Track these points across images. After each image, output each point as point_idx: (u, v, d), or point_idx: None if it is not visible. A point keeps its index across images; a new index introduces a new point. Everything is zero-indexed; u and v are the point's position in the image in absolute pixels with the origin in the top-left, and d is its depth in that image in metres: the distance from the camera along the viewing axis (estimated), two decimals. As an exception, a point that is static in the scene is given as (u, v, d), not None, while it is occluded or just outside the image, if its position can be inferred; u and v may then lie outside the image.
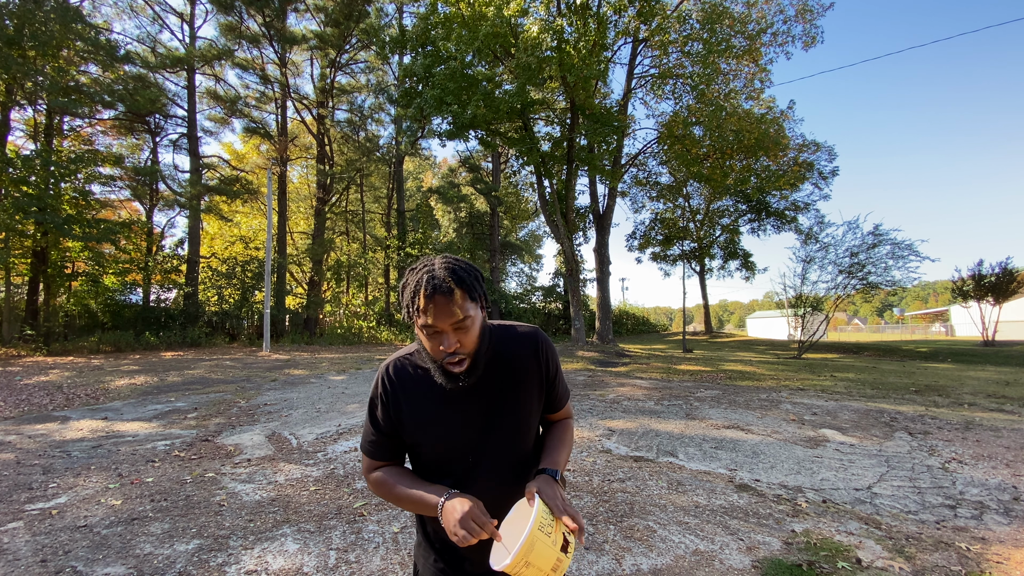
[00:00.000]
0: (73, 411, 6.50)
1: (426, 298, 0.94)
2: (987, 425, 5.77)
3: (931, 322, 48.76)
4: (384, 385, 1.09)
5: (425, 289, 0.94)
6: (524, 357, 1.11)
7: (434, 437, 1.07)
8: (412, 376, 1.09)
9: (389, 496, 1.08)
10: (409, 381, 1.09)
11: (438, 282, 0.95)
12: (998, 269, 20.14)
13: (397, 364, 1.11)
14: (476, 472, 1.08)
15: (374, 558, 2.60)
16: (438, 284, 0.94)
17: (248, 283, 19.51)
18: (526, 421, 1.12)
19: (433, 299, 0.94)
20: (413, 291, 0.96)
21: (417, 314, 0.96)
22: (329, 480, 3.84)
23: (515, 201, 29.80)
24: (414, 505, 1.04)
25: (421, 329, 0.98)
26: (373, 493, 1.19)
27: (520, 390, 1.10)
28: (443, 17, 14.19)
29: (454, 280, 0.96)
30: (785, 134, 18.90)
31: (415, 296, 0.96)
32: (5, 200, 13.45)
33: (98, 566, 2.48)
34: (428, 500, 1.01)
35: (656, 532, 2.96)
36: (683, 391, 8.39)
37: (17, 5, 13.67)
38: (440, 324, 0.95)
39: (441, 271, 0.97)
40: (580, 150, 16.32)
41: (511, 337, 1.12)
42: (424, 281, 0.95)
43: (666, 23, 14.70)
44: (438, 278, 0.95)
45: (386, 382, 1.09)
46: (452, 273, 0.97)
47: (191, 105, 19.20)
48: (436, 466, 1.10)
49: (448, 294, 0.94)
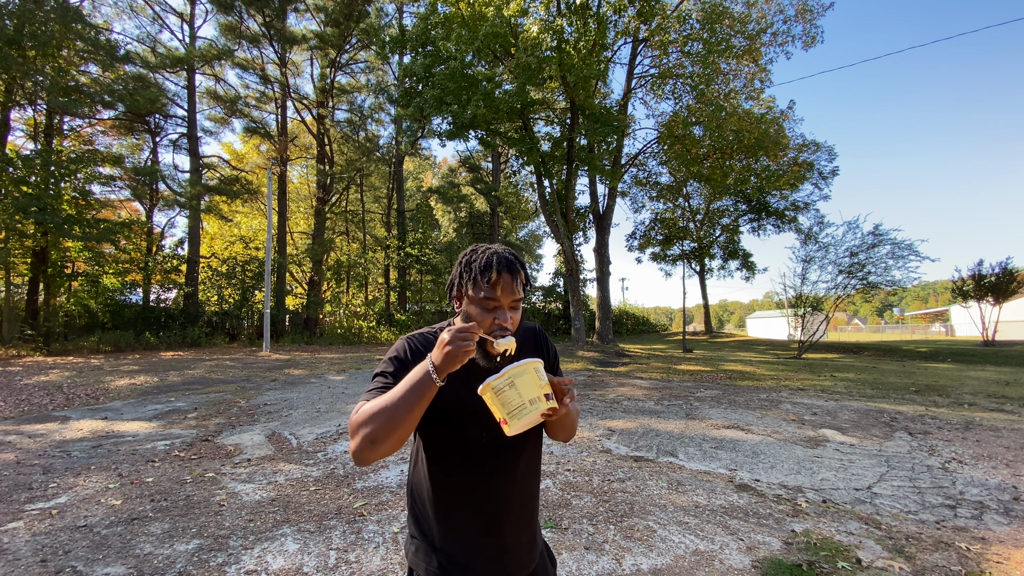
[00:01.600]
0: (73, 411, 6.50)
1: (498, 272, 1.02)
2: (987, 425, 5.77)
3: (931, 322, 48.78)
4: (412, 347, 1.11)
5: (499, 265, 1.03)
6: (532, 345, 1.23)
7: (459, 402, 1.07)
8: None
9: (379, 412, 0.93)
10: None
11: (509, 261, 1.05)
12: (998, 269, 20.15)
13: (421, 335, 1.15)
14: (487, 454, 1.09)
15: (374, 558, 2.60)
16: (509, 262, 1.05)
17: (248, 283, 19.51)
18: None
19: (502, 275, 1.03)
20: (484, 264, 1.04)
21: (482, 287, 1.03)
22: (329, 480, 3.84)
23: (515, 201, 29.80)
24: (410, 390, 0.93)
25: (479, 302, 1.04)
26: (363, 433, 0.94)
27: None
28: (443, 17, 14.19)
29: (519, 264, 1.08)
30: (785, 134, 18.90)
31: (486, 269, 1.03)
32: (5, 200, 13.45)
33: (98, 566, 2.48)
34: (417, 371, 0.94)
35: (656, 532, 2.96)
36: (683, 391, 8.39)
37: (17, 5, 13.67)
38: (503, 299, 1.03)
39: (507, 255, 1.07)
40: (580, 150, 16.31)
41: (522, 327, 1.24)
42: (496, 259, 1.04)
43: (666, 23, 14.70)
44: (507, 258, 1.05)
45: (415, 344, 1.12)
46: (517, 259, 1.08)
47: (191, 105, 19.20)
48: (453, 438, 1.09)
49: (515, 273, 1.05)
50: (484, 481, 1.09)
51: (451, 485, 1.10)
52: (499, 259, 1.04)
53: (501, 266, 1.03)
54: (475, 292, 1.04)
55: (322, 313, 22.77)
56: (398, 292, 24.70)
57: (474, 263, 1.06)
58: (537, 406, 0.91)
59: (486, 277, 1.03)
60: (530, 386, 0.92)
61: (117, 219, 18.24)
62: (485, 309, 1.04)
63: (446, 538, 1.09)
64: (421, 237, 23.84)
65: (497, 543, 1.09)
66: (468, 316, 1.07)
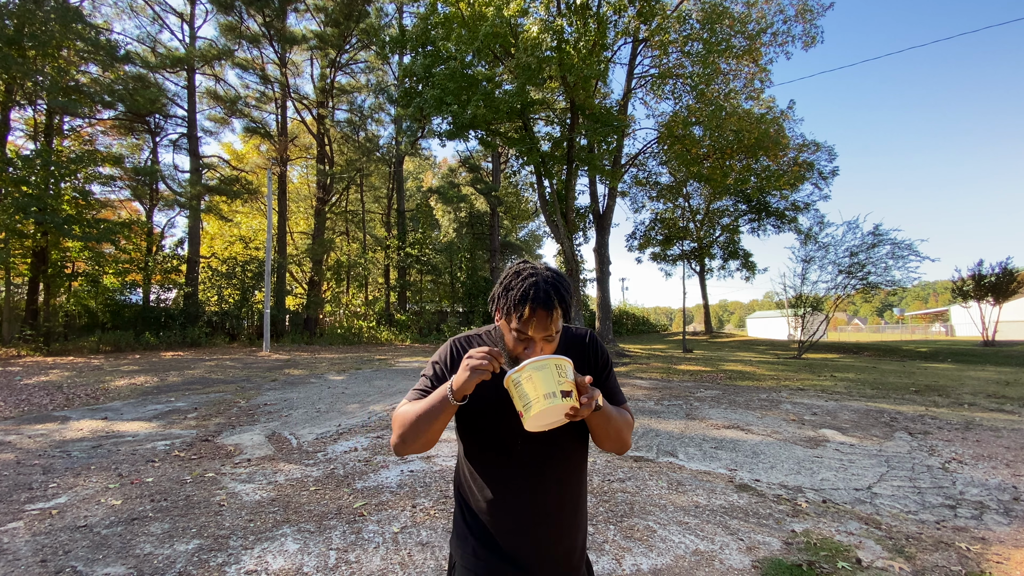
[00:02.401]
0: (73, 411, 6.50)
1: (531, 310, 0.98)
2: (987, 425, 5.77)
3: (931, 322, 48.78)
4: (453, 352, 1.16)
5: (533, 301, 0.98)
6: (578, 353, 1.17)
7: (493, 408, 1.08)
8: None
9: (408, 420, 1.05)
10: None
11: (546, 297, 0.99)
12: (998, 269, 20.15)
13: (466, 339, 1.18)
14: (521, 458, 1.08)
15: (374, 558, 2.60)
16: (547, 298, 0.99)
17: (248, 283, 19.51)
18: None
19: (537, 313, 0.99)
20: (520, 298, 1.00)
21: (516, 320, 1.01)
22: (329, 480, 3.84)
23: (515, 201, 29.80)
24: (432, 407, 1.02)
25: (512, 331, 1.03)
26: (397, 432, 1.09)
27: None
28: (443, 17, 14.19)
29: (558, 299, 1.01)
30: (785, 134, 18.90)
31: (521, 304, 0.99)
32: (5, 200, 13.45)
33: (98, 566, 2.48)
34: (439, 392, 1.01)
35: (656, 532, 2.96)
36: (683, 391, 8.40)
37: (17, 5, 13.67)
38: (535, 334, 1.01)
39: (547, 286, 1.01)
40: (580, 150, 16.31)
41: (568, 335, 1.20)
42: (533, 293, 0.99)
43: (666, 23, 14.69)
44: (546, 293, 1.00)
45: (456, 349, 1.16)
46: (556, 291, 1.01)
47: (191, 105, 19.20)
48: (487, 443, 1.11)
49: (551, 311, 0.99)
50: (515, 482, 1.08)
51: (482, 480, 1.11)
52: (536, 294, 0.99)
53: (537, 302, 0.98)
54: (508, 321, 1.03)
55: (322, 313, 22.78)
56: (398, 292, 24.70)
57: (512, 291, 1.02)
58: (552, 401, 0.91)
59: (519, 313, 0.99)
60: (547, 381, 0.91)
61: (117, 219, 18.24)
62: (517, 339, 1.02)
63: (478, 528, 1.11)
64: (421, 237, 23.84)
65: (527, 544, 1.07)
66: (503, 337, 1.07)
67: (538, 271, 1.04)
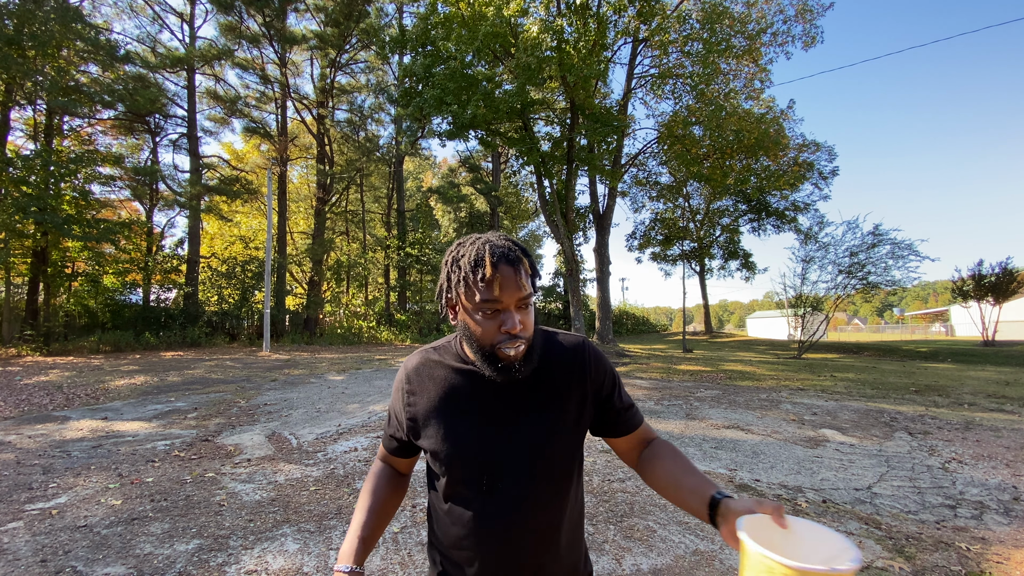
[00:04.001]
0: (73, 411, 6.50)
1: (492, 266, 0.81)
2: (987, 425, 5.77)
3: (931, 322, 48.78)
4: (405, 376, 0.99)
5: (491, 256, 0.82)
6: (566, 369, 0.95)
7: (449, 444, 0.91)
8: (435, 371, 0.96)
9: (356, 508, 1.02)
10: (430, 377, 0.96)
11: (505, 250, 0.84)
12: (998, 269, 20.15)
13: (420, 357, 1.00)
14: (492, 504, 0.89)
15: (374, 558, 2.60)
16: (505, 252, 0.83)
17: (248, 283, 19.51)
18: (556, 444, 0.91)
19: (499, 268, 0.82)
20: (475, 259, 0.83)
21: (478, 290, 0.82)
22: (329, 480, 3.84)
23: (515, 201, 29.80)
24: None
25: (478, 307, 0.84)
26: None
27: (555, 407, 0.92)
28: (443, 17, 14.19)
29: (520, 250, 0.86)
30: (785, 134, 18.91)
31: (478, 265, 0.82)
32: (5, 200, 13.44)
33: (98, 566, 2.48)
34: (344, 547, 0.92)
35: (656, 532, 2.96)
36: (683, 391, 8.39)
37: (17, 5, 13.66)
38: (506, 298, 0.82)
39: (501, 241, 0.86)
40: (580, 150, 16.31)
41: (554, 345, 0.97)
42: (487, 249, 0.83)
43: (666, 23, 14.69)
44: (502, 247, 0.84)
45: (408, 374, 0.98)
46: (515, 244, 0.87)
47: (191, 105, 19.20)
48: (449, 486, 0.93)
49: (515, 264, 0.83)
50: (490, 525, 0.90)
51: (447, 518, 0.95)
52: (492, 249, 0.83)
53: (496, 257, 0.82)
54: (470, 297, 0.84)
55: (322, 313, 22.77)
56: (398, 292, 24.70)
57: (462, 259, 0.85)
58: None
59: (479, 274, 0.81)
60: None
61: (117, 219, 18.24)
62: (486, 316, 0.83)
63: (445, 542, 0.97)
64: (421, 237, 23.85)
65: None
66: (468, 329, 0.87)
67: (480, 236, 0.89)
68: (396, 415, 1.01)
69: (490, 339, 0.84)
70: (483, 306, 0.83)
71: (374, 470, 1.08)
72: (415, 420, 0.96)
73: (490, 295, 0.82)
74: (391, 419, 1.04)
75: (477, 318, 0.85)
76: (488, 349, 0.85)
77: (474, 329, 0.86)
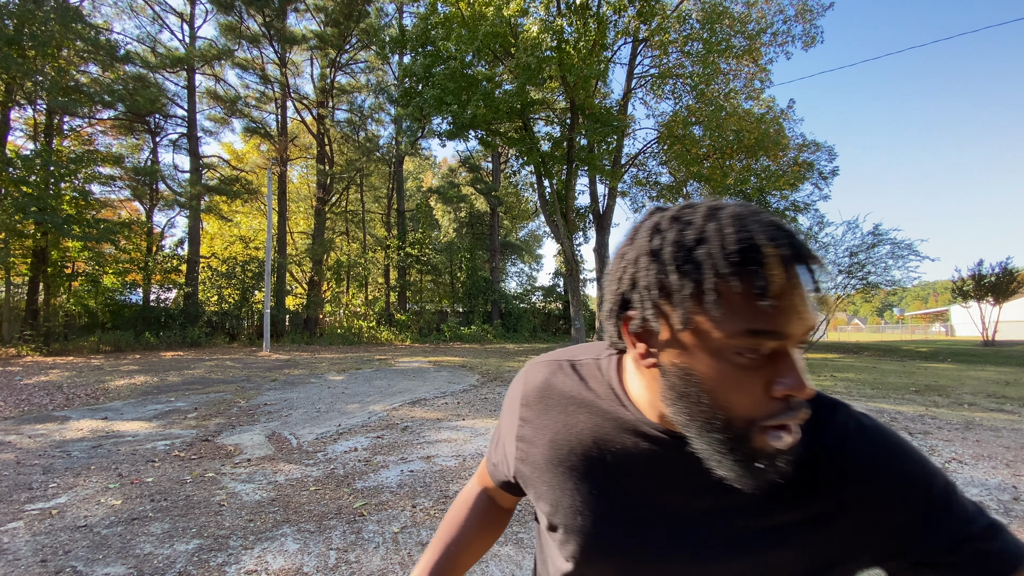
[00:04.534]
0: (73, 411, 6.51)
1: (783, 267, 0.43)
2: (987, 425, 5.77)
3: (931, 322, 48.83)
4: (522, 397, 0.67)
5: (776, 247, 0.43)
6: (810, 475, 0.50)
7: (581, 537, 0.58)
8: (570, 408, 0.62)
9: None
10: (560, 409, 0.63)
11: (790, 239, 0.44)
12: (998, 269, 20.17)
13: (548, 374, 0.65)
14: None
15: (374, 558, 2.60)
16: (793, 243, 0.45)
17: (248, 283, 19.52)
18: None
19: (792, 273, 0.44)
20: (741, 250, 0.44)
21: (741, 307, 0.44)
22: (329, 480, 3.84)
23: (515, 201, 29.80)
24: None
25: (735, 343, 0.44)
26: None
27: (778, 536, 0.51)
28: (443, 17, 14.21)
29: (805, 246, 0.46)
30: (785, 134, 18.91)
31: (749, 260, 0.43)
32: (5, 200, 13.45)
33: (98, 566, 2.48)
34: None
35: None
36: (683, 391, 8.38)
37: (17, 5, 13.67)
38: (794, 329, 0.44)
39: (769, 219, 0.46)
40: (580, 150, 16.33)
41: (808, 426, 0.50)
42: (761, 233, 0.44)
43: (666, 23, 14.71)
44: (784, 233, 0.45)
45: (527, 395, 0.66)
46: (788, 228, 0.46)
47: (191, 105, 19.21)
48: (577, 568, 0.61)
49: (810, 265, 0.45)
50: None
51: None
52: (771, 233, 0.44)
53: (785, 251, 0.44)
54: (721, 321, 0.44)
55: (322, 313, 22.78)
56: (398, 292, 24.71)
57: (706, 245, 0.45)
58: None
59: (753, 280, 0.43)
60: None
61: (117, 219, 18.26)
62: (746, 363, 0.45)
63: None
64: (421, 237, 23.87)
65: None
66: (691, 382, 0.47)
67: (729, 205, 0.48)
68: (504, 444, 0.71)
69: (752, 408, 0.45)
70: (749, 342, 0.44)
71: (467, 495, 0.82)
72: (523, 472, 0.66)
73: (771, 323, 0.43)
74: (498, 443, 0.74)
75: (725, 364, 0.45)
76: (742, 428, 0.46)
77: (712, 384, 0.46)
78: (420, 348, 18.05)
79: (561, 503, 0.60)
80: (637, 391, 0.57)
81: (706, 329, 0.45)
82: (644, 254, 0.49)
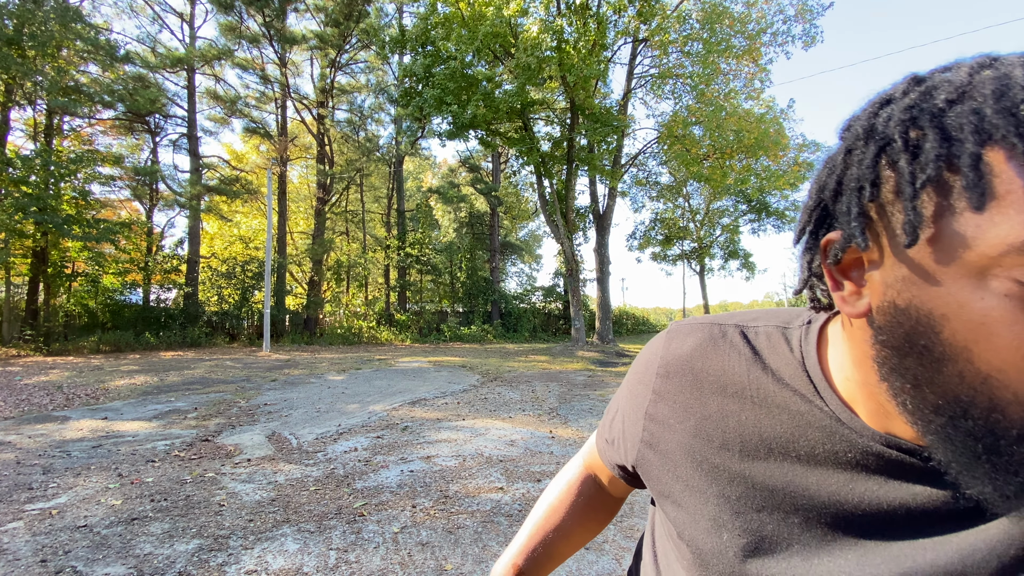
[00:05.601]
0: (73, 411, 6.51)
1: None
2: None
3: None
4: (656, 373, 0.50)
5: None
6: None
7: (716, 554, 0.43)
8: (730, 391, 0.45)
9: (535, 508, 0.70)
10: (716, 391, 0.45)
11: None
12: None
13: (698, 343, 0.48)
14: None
15: (374, 558, 2.60)
16: None
17: (248, 283, 19.52)
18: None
19: None
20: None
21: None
22: (329, 480, 3.84)
23: (515, 201, 29.81)
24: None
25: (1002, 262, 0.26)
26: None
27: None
28: (443, 17, 14.21)
29: None
30: (785, 134, 18.91)
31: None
32: (5, 200, 13.45)
33: (98, 566, 2.48)
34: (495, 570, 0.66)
35: (656, 532, 2.96)
36: (683, 391, 8.38)
37: (17, 5, 13.67)
38: None
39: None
40: (580, 150, 16.33)
41: None
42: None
43: (666, 23, 14.71)
44: None
45: (666, 368, 0.49)
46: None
47: (191, 105, 19.21)
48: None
49: None
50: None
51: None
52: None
53: None
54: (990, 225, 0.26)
55: (322, 313, 22.78)
56: (398, 292, 24.71)
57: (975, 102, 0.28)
58: None
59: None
60: None
61: (117, 219, 18.25)
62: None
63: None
64: (421, 237, 23.87)
65: None
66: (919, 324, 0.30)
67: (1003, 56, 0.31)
68: (625, 420, 0.55)
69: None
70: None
71: (570, 476, 0.69)
72: (648, 459, 0.51)
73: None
74: (615, 418, 0.58)
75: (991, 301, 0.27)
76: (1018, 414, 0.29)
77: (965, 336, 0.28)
78: (420, 348, 18.05)
79: (701, 513, 0.44)
80: (847, 378, 0.38)
81: (962, 237, 0.27)
82: (859, 137, 0.34)
